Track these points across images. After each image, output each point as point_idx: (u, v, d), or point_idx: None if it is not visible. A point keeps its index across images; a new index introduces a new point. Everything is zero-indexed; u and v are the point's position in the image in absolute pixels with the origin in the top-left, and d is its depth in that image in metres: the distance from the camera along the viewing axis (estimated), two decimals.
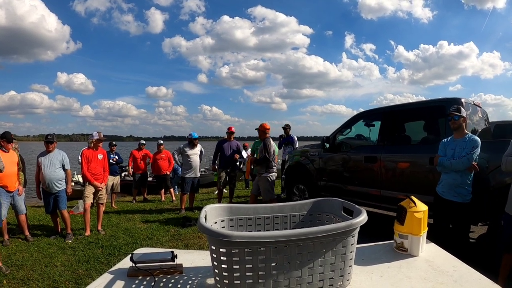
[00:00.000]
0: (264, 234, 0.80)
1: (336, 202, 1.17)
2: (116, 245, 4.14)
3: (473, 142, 2.71)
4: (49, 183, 4.33)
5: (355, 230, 0.89)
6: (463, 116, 2.80)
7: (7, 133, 4.11)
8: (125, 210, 6.64)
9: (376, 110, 4.54)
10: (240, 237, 0.78)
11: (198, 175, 6.11)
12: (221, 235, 0.79)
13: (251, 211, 1.19)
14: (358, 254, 1.32)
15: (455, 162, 2.72)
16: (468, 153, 2.68)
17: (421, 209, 1.34)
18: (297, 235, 0.80)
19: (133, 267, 1.17)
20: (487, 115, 4.05)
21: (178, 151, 6.01)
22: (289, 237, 0.80)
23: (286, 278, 0.84)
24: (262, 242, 0.79)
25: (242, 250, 0.81)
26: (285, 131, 7.46)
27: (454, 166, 2.72)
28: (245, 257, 0.81)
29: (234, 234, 0.78)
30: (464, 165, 2.68)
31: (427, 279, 1.06)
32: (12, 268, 3.43)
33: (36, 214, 6.09)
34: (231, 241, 0.78)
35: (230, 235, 0.78)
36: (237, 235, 0.78)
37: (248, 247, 0.80)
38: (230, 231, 0.81)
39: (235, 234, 0.78)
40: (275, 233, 0.81)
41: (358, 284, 1.05)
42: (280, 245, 0.81)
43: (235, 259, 0.81)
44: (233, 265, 0.82)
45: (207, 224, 0.89)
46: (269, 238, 0.78)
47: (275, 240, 0.78)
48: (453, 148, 2.81)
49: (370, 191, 4.09)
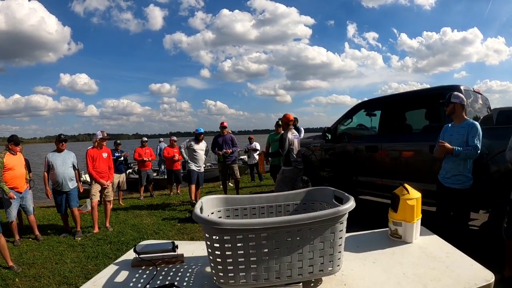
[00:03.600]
0: (253, 221, 0.83)
1: (328, 191, 1.20)
2: (124, 241, 4.24)
3: (470, 128, 2.69)
4: (63, 181, 4.44)
5: (343, 217, 0.92)
6: (454, 102, 2.79)
7: (15, 136, 4.26)
8: (133, 206, 6.76)
9: (376, 99, 4.53)
10: (231, 224, 0.82)
11: (202, 170, 6.22)
12: (213, 223, 0.83)
13: (246, 202, 1.23)
14: (353, 241, 1.35)
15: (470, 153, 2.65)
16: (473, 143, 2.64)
17: (414, 196, 1.36)
18: (285, 221, 0.84)
19: (137, 258, 1.23)
20: (488, 102, 4.02)
21: (185, 145, 6.12)
22: (277, 224, 0.83)
23: (277, 264, 0.88)
24: (251, 229, 0.83)
25: (234, 237, 0.85)
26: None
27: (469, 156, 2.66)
28: (237, 244, 0.85)
29: (225, 221, 0.82)
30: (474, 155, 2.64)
31: (419, 265, 1.09)
32: (24, 266, 3.53)
33: (46, 214, 6.23)
34: (222, 228, 0.83)
35: (222, 223, 0.82)
36: (228, 222, 0.82)
37: (239, 234, 0.84)
38: (221, 219, 0.85)
39: (226, 222, 0.82)
40: (264, 220, 0.84)
41: (351, 270, 1.08)
42: (270, 232, 0.85)
43: (227, 246, 0.85)
44: (226, 252, 0.86)
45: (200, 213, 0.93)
46: (258, 225, 0.82)
47: (264, 227, 0.82)
48: (451, 134, 2.80)
49: (372, 180, 4.11)
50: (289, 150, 4.32)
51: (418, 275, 1.01)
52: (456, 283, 0.95)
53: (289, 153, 4.34)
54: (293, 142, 4.36)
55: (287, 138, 4.32)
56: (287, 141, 4.31)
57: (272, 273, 0.89)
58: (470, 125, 2.71)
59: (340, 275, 1.03)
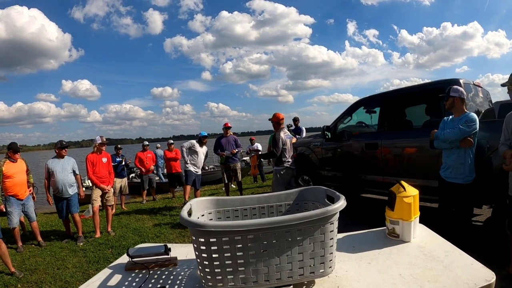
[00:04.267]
0: (238, 223, 0.81)
1: (320, 190, 1.17)
2: (125, 245, 4.23)
3: (467, 117, 2.69)
4: (63, 187, 4.45)
5: (333, 217, 0.89)
6: (453, 96, 2.77)
7: (13, 144, 4.29)
8: (135, 210, 6.75)
9: (375, 96, 4.49)
10: (216, 226, 0.79)
11: (200, 172, 6.21)
12: (197, 225, 0.81)
13: (237, 203, 1.20)
14: (349, 241, 1.32)
15: (447, 132, 2.72)
16: (461, 125, 2.66)
17: (411, 194, 1.32)
18: (271, 223, 0.81)
19: (130, 261, 1.22)
20: (490, 95, 3.97)
21: (188, 145, 6.13)
22: (263, 225, 0.81)
23: (265, 266, 0.85)
24: (236, 231, 0.80)
25: (220, 240, 0.82)
26: (294, 122, 7.67)
27: (447, 136, 2.71)
28: (223, 246, 0.83)
29: (209, 223, 0.80)
30: (455, 135, 2.66)
31: (415, 265, 1.05)
32: (26, 272, 3.54)
33: (49, 220, 6.25)
34: (207, 230, 0.80)
35: (205, 225, 0.79)
36: (212, 224, 0.79)
37: (225, 236, 0.82)
38: (206, 221, 0.82)
39: (210, 224, 0.79)
40: (250, 222, 0.82)
41: (345, 272, 1.05)
42: (256, 234, 0.82)
43: (214, 248, 0.83)
44: (212, 254, 0.83)
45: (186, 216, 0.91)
46: (243, 226, 0.79)
47: (249, 229, 0.79)
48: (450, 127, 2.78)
49: (373, 178, 4.06)
50: (283, 150, 4.24)
51: (415, 275, 0.97)
52: (454, 284, 0.91)
53: (282, 153, 4.25)
54: (286, 142, 4.28)
55: (280, 138, 4.23)
56: (281, 141, 4.23)
57: (261, 275, 0.86)
58: (466, 116, 2.72)
59: (334, 276, 1.00)
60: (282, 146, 4.22)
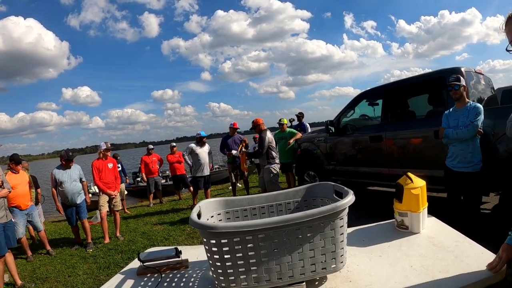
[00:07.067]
0: (248, 223, 0.81)
1: (328, 186, 1.17)
2: (135, 249, 4.25)
3: (475, 109, 2.67)
4: (72, 197, 4.52)
5: (342, 212, 0.89)
6: (463, 85, 2.75)
7: (15, 155, 4.35)
8: (142, 214, 6.78)
9: (377, 88, 4.46)
10: (226, 227, 0.80)
11: (206, 173, 6.22)
12: (208, 227, 0.81)
13: (246, 203, 1.21)
14: (358, 235, 1.32)
15: (461, 132, 2.68)
16: (472, 121, 2.63)
17: (418, 185, 1.32)
18: (281, 221, 0.82)
19: (141, 266, 1.23)
20: (491, 82, 3.93)
21: (188, 151, 6.12)
22: (273, 224, 0.81)
23: (277, 264, 0.86)
24: (247, 231, 0.81)
25: (231, 240, 0.83)
26: (298, 118, 7.60)
27: (460, 136, 2.68)
28: (235, 246, 0.83)
29: (219, 225, 0.80)
30: (470, 133, 2.64)
31: (426, 256, 1.05)
32: (38, 281, 3.56)
33: (57, 228, 6.29)
34: (218, 232, 0.81)
35: (216, 227, 0.80)
36: (222, 225, 0.80)
37: (236, 237, 0.82)
38: (215, 223, 0.83)
39: (220, 225, 0.80)
40: (259, 221, 0.82)
41: (357, 266, 1.05)
42: (267, 233, 0.82)
43: (225, 249, 0.83)
44: (224, 255, 0.84)
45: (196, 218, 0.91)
46: (253, 226, 0.80)
47: (259, 228, 0.80)
48: (456, 119, 2.76)
49: (379, 170, 4.05)
50: (270, 148, 4.40)
51: (426, 266, 0.97)
52: (465, 273, 0.91)
53: (269, 151, 4.41)
54: (272, 140, 4.49)
55: (267, 137, 4.40)
56: (267, 139, 4.38)
57: (273, 274, 0.86)
58: (473, 106, 2.70)
59: (346, 271, 1.01)
60: (267, 144, 4.38)
